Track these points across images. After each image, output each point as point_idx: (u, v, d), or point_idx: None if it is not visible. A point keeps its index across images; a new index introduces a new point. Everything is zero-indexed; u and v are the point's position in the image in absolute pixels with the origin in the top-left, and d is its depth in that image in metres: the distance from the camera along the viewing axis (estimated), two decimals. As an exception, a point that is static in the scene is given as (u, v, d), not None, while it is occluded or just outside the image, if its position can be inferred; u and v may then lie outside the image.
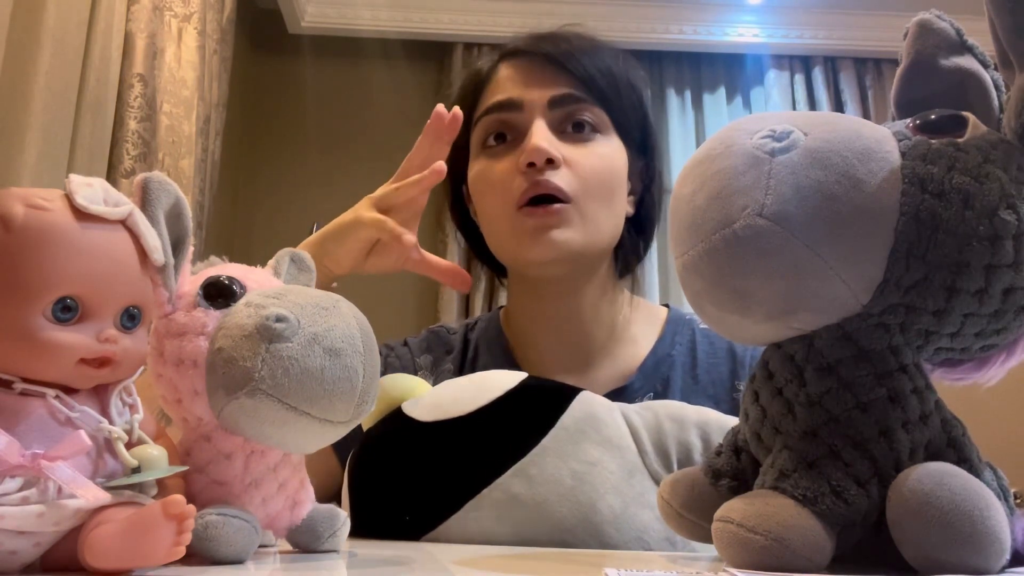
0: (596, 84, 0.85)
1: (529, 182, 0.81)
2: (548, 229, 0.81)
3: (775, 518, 0.37)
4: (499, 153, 0.85)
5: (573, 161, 0.82)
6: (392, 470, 0.61)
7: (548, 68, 0.85)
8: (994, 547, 0.35)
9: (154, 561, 0.36)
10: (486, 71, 0.90)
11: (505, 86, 0.87)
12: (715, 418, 0.61)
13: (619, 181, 0.86)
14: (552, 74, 0.85)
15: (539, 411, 0.60)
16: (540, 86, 0.84)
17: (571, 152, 0.83)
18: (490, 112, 0.86)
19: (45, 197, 0.39)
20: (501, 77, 0.88)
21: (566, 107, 0.84)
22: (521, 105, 0.84)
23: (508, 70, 0.88)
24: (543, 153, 0.80)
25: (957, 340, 0.42)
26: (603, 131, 0.86)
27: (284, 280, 0.50)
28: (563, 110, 0.84)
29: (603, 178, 0.84)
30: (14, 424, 0.37)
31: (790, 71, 2.98)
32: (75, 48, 1.56)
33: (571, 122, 0.84)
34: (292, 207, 2.78)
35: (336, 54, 2.88)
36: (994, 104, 0.45)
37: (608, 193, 0.84)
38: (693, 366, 0.88)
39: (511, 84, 0.86)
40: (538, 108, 0.84)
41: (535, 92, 0.84)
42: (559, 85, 0.84)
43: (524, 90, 0.85)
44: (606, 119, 0.86)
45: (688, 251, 0.41)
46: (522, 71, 0.86)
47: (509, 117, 0.85)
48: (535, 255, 0.82)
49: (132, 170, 1.72)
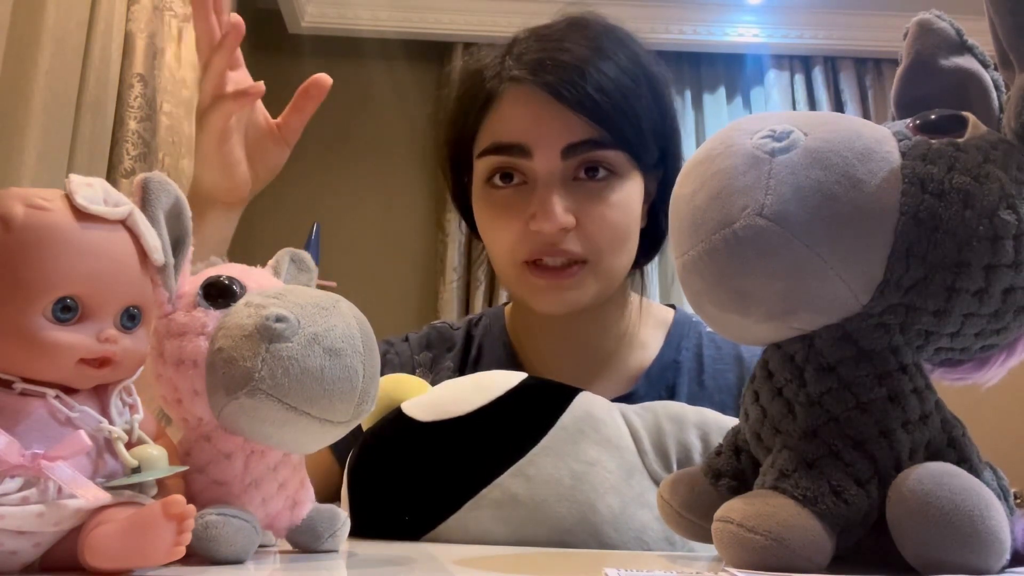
0: (615, 127, 0.77)
1: (538, 245, 0.77)
2: (560, 290, 0.78)
3: (775, 518, 0.37)
4: (506, 199, 0.80)
5: (587, 219, 0.77)
6: (392, 470, 0.61)
7: (562, 110, 0.76)
8: (994, 547, 0.35)
9: (154, 561, 0.36)
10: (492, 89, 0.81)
11: (512, 122, 0.79)
12: (714, 418, 0.61)
13: (635, 222, 0.82)
14: (566, 118, 0.76)
15: (538, 411, 0.60)
16: (552, 132, 0.77)
17: (585, 208, 0.77)
18: (497, 152, 0.80)
19: (45, 197, 0.39)
20: (508, 106, 0.80)
21: (581, 155, 0.77)
22: (531, 152, 0.77)
23: (516, 100, 0.79)
24: (556, 225, 0.76)
25: (957, 340, 0.42)
26: (620, 172, 0.79)
27: (284, 280, 0.50)
28: (577, 158, 0.78)
29: (619, 231, 0.79)
30: (14, 424, 0.37)
31: (790, 71, 2.98)
32: (75, 48, 1.56)
33: (585, 168, 0.78)
34: (292, 207, 2.78)
35: (336, 54, 2.88)
36: (994, 104, 0.45)
37: (624, 241, 0.80)
38: (700, 372, 0.87)
39: (519, 123, 0.79)
40: (551, 158, 0.77)
41: (547, 138, 0.77)
42: (572, 130, 0.77)
43: (535, 135, 0.77)
44: (624, 159, 0.79)
45: (688, 251, 0.41)
46: (532, 110, 0.78)
47: (517, 163, 0.79)
48: (545, 309, 0.80)
49: (132, 170, 1.72)
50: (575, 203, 0.78)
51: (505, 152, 0.79)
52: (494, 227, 0.82)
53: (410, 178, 2.87)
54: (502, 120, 0.80)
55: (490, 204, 0.82)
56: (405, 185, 2.88)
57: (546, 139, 0.77)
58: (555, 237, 0.77)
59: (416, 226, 2.85)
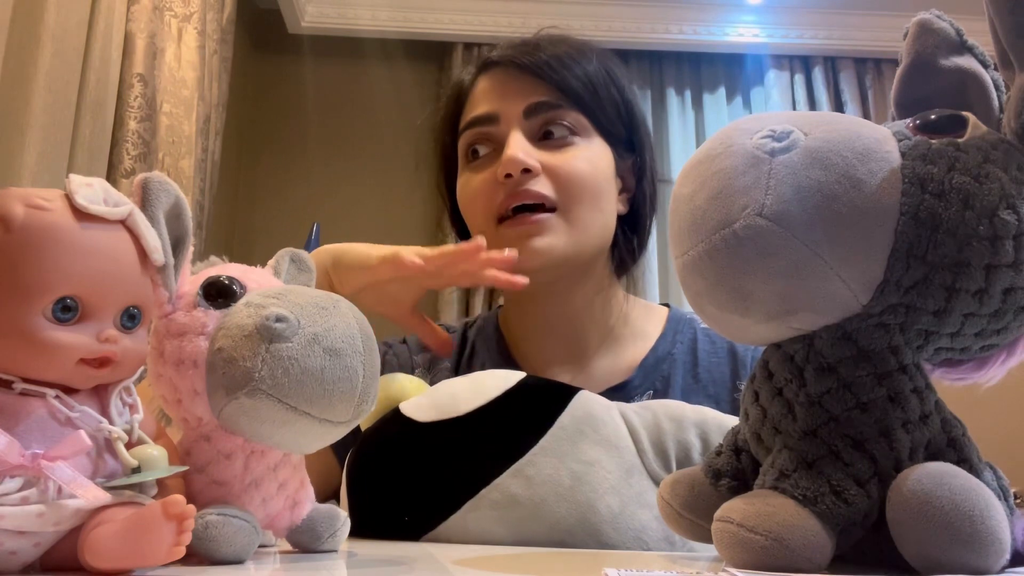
0: (571, 88, 0.84)
1: (508, 192, 0.82)
2: (529, 237, 0.81)
3: (775, 518, 0.37)
4: (479, 167, 0.86)
5: (552, 167, 0.82)
6: (391, 470, 0.61)
7: (523, 78, 0.85)
8: (994, 547, 0.35)
9: (154, 561, 0.36)
10: (467, 84, 0.91)
11: (482, 99, 0.87)
12: (714, 418, 0.61)
13: (604, 182, 0.86)
14: (527, 84, 0.85)
15: (537, 411, 0.60)
16: (515, 96, 0.85)
17: (549, 158, 0.83)
18: (470, 127, 0.87)
19: (45, 197, 0.39)
20: (479, 90, 0.89)
21: (541, 114, 0.84)
22: (497, 118, 0.85)
23: (485, 83, 0.88)
24: (518, 163, 0.80)
25: (957, 340, 0.42)
26: (582, 134, 0.85)
27: (284, 280, 0.50)
28: (539, 118, 0.84)
29: (586, 181, 0.83)
30: (14, 424, 0.37)
31: (790, 71, 2.98)
32: (75, 48, 1.56)
33: (547, 128, 0.84)
34: (292, 207, 2.78)
35: (336, 54, 2.88)
36: (994, 104, 0.45)
37: (593, 195, 0.84)
38: (694, 365, 0.88)
39: (488, 97, 0.87)
40: (514, 119, 0.84)
41: (510, 103, 0.85)
42: (534, 94, 0.84)
43: (500, 102, 0.86)
44: (585, 122, 0.85)
45: (688, 251, 0.41)
46: (498, 83, 0.87)
47: (487, 131, 0.86)
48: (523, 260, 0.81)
49: (132, 170, 1.72)
50: (540, 154, 0.83)
51: (476, 124, 0.86)
52: (470, 192, 0.86)
53: (410, 178, 2.87)
54: (474, 100, 0.89)
55: (466, 175, 0.87)
56: (405, 185, 2.87)
57: (510, 103, 0.85)
58: (522, 179, 0.81)
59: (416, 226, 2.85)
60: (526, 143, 0.83)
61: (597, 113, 0.86)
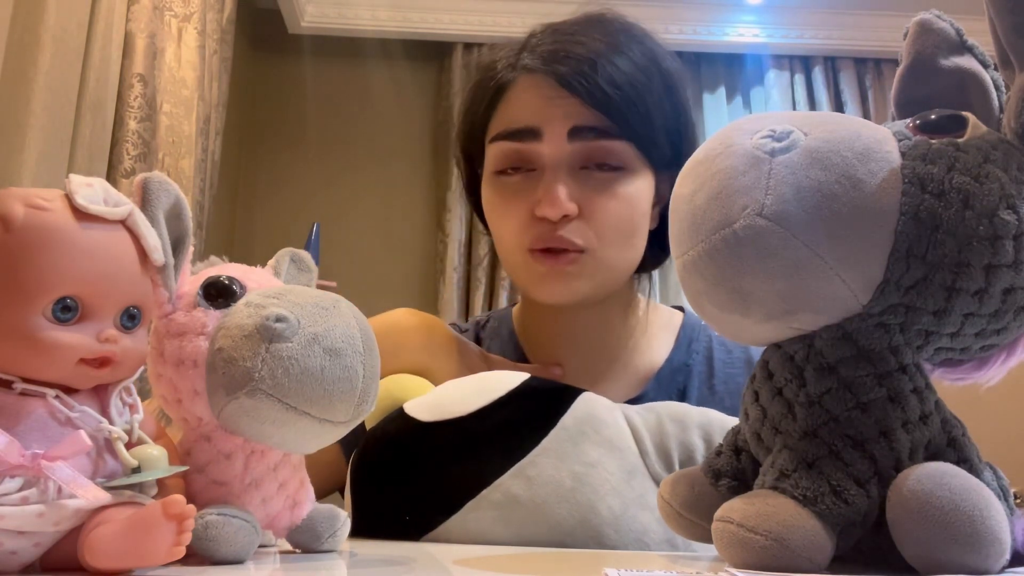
0: (621, 115, 0.77)
1: (542, 232, 0.78)
2: (562, 276, 0.78)
3: (775, 518, 0.37)
4: (513, 186, 0.81)
5: (591, 211, 0.78)
6: (393, 470, 0.61)
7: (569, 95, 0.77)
8: (994, 547, 0.35)
9: (154, 561, 0.36)
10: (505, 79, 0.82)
11: (522, 109, 0.80)
12: (717, 419, 0.61)
13: (642, 217, 0.81)
14: (573, 99, 0.77)
15: (540, 411, 0.60)
16: (560, 113, 0.78)
17: (590, 198, 0.78)
18: (507, 138, 0.81)
19: (45, 197, 0.39)
20: (518, 94, 0.81)
21: (588, 140, 0.78)
22: (539, 134, 0.78)
23: (525, 88, 0.81)
24: (559, 211, 0.76)
25: (957, 340, 0.42)
26: (628, 167, 0.79)
27: (284, 280, 0.50)
28: (584, 144, 0.78)
29: (623, 224, 0.79)
30: (14, 424, 0.37)
31: (790, 71, 2.98)
32: (75, 48, 1.56)
33: (593, 161, 0.79)
34: (292, 207, 2.78)
35: (336, 54, 2.88)
36: (994, 104, 0.45)
37: (628, 235, 0.80)
38: (710, 376, 0.87)
39: (528, 109, 0.80)
40: (557, 138, 0.78)
41: (554, 120, 0.78)
42: (580, 113, 0.77)
43: (543, 117, 0.78)
44: (632, 153, 0.79)
45: (688, 251, 0.41)
46: (540, 94, 0.79)
47: (526, 148, 0.79)
48: (546, 297, 0.81)
49: (132, 170, 1.72)
50: (580, 192, 0.78)
51: (515, 137, 0.80)
52: (502, 214, 0.82)
53: (410, 178, 2.88)
54: (513, 107, 0.81)
55: (499, 191, 0.83)
56: (405, 185, 2.88)
57: (554, 121, 0.78)
58: (558, 223, 0.77)
59: (416, 226, 2.85)
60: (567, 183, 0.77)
61: (646, 143, 0.79)
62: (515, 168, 0.81)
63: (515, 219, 0.80)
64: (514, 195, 0.81)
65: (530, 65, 0.80)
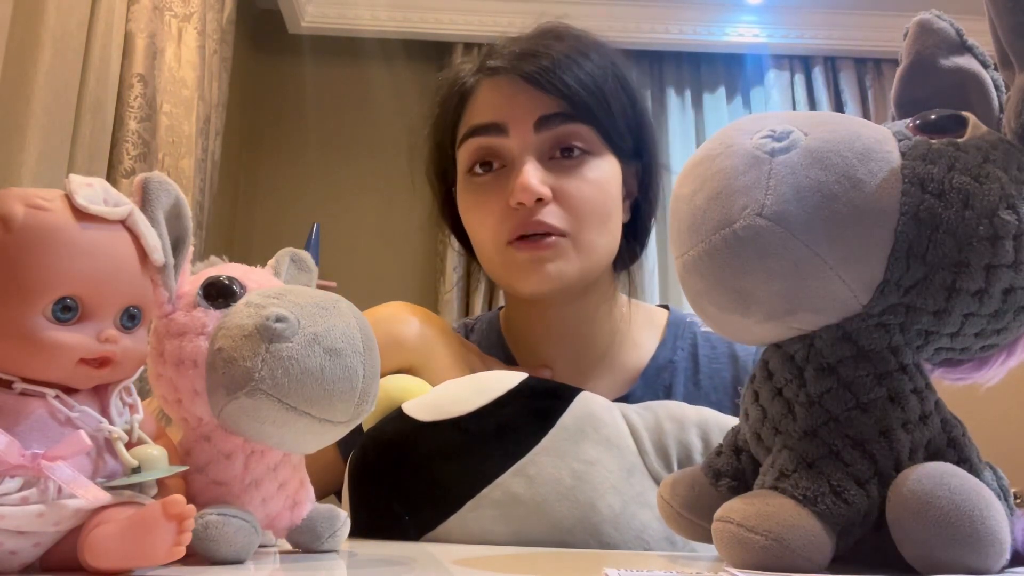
0: (582, 101, 0.81)
1: (519, 220, 0.79)
2: (542, 262, 0.79)
3: (775, 518, 0.37)
4: (486, 185, 0.83)
5: (564, 193, 0.80)
6: (392, 470, 0.61)
7: (531, 87, 0.81)
8: (994, 547, 0.35)
9: (154, 561, 0.36)
10: (468, 85, 0.86)
11: (488, 107, 0.84)
12: (715, 418, 0.61)
13: (614, 202, 0.84)
14: (536, 93, 0.81)
15: (539, 411, 0.60)
16: (525, 106, 0.81)
17: (562, 183, 0.80)
18: (474, 135, 0.83)
19: (45, 197, 0.39)
20: (483, 95, 0.85)
21: (553, 128, 0.81)
22: (506, 128, 0.81)
23: (490, 89, 0.84)
24: (533, 194, 0.78)
25: (957, 340, 0.42)
26: (594, 151, 0.82)
27: (284, 280, 0.50)
28: (551, 132, 0.81)
29: (596, 205, 0.81)
30: (14, 424, 0.37)
31: (790, 71, 2.98)
32: (75, 48, 1.56)
33: (560, 147, 0.81)
34: (292, 207, 2.79)
35: (336, 54, 2.88)
36: (994, 104, 0.45)
37: (603, 218, 0.82)
38: (695, 371, 0.87)
39: (494, 106, 0.83)
40: (524, 131, 0.81)
41: (520, 113, 0.81)
42: (545, 104, 0.81)
43: (509, 112, 0.82)
44: (596, 138, 0.82)
45: (688, 251, 0.41)
46: (505, 92, 0.83)
47: (494, 142, 0.82)
48: (528, 287, 0.81)
49: (132, 170, 1.72)
50: (553, 179, 0.81)
51: (482, 132, 0.83)
52: (477, 213, 0.84)
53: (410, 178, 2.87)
54: (479, 106, 0.85)
55: (473, 191, 0.85)
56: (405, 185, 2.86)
57: (520, 115, 0.81)
58: (534, 209, 0.79)
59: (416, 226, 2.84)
60: (539, 168, 0.80)
61: (608, 128, 0.83)
62: (486, 165, 0.83)
63: (491, 215, 0.82)
64: (488, 192, 0.83)
65: (492, 66, 0.84)
